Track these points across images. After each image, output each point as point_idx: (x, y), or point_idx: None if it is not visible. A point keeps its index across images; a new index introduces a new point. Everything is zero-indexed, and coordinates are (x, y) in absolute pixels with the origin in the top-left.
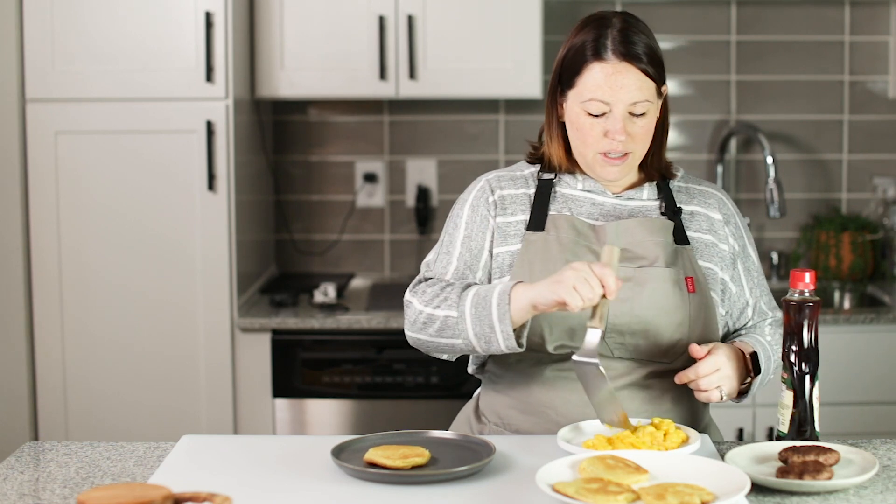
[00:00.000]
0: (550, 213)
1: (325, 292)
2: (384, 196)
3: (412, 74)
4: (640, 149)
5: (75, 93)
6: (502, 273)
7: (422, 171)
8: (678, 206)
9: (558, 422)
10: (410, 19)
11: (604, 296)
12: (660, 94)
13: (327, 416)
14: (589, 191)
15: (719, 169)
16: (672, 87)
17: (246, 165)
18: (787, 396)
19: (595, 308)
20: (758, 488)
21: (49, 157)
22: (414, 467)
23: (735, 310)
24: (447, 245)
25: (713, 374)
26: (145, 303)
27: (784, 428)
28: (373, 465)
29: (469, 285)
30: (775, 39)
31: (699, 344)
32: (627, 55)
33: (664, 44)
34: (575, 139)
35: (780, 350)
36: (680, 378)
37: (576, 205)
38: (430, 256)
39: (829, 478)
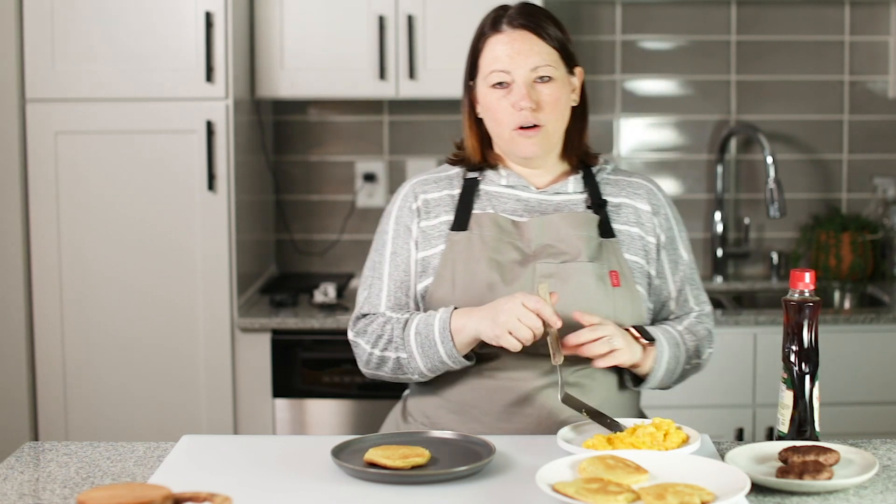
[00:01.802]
0: (474, 211)
1: (325, 292)
2: (384, 196)
3: (412, 74)
4: (553, 120)
5: (75, 93)
6: (427, 275)
7: (422, 172)
8: (604, 198)
9: (482, 420)
10: (410, 19)
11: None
12: (571, 72)
13: (327, 416)
14: (512, 186)
15: (719, 169)
16: (672, 87)
17: (246, 165)
18: (787, 396)
19: (550, 344)
20: (758, 488)
21: (49, 157)
22: (414, 467)
23: (658, 303)
24: (378, 266)
25: (598, 325)
26: (145, 303)
27: (784, 428)
28: (373, 465)
29: (408, 320)
30: (775, 39)
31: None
32: (523, 25)
33: (664, 44)
34: (490, 123)
35: (692, 341)
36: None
37: (500, 202)
38: (363, 276)
39: (829, 478)
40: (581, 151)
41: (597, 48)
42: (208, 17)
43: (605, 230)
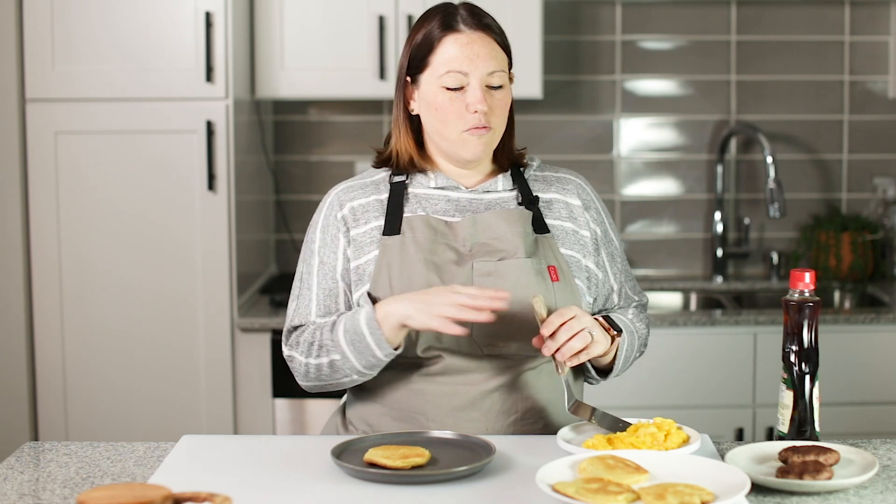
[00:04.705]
0: (405, 214)
1: None
2: None
3: None
4: (499, 125)
5: (75, 93)
6: (363, 282)
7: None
8: (535, 194)
9: (427, 427)
10: (410, 19)
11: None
12: (510, 76)
13: (327, 416)
14: (442, 187)
15: (719, 169)
16: (672, 87)
17: (246, 165)
18: (787, 396)
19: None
20: (758, 488)
21: (49, 157)
22: (414, 467)
23: (601, 296)
24: (306, 278)
25: (572, 319)
26: (145, 303)
27: (784, 428)
28: (373, 465)
29: (335, 322)
30: (775, 39)
31: None
32: (480, 25)
33: (664, 44)
34: (435, 122)
35: (644, 329)
36: (537, 342)
37: (430, 203)
38: (292, 288)
39: (829, 478)
40: (512, 153)
41: (597, 48)
42: (208, 17)
43: (540, 226)
